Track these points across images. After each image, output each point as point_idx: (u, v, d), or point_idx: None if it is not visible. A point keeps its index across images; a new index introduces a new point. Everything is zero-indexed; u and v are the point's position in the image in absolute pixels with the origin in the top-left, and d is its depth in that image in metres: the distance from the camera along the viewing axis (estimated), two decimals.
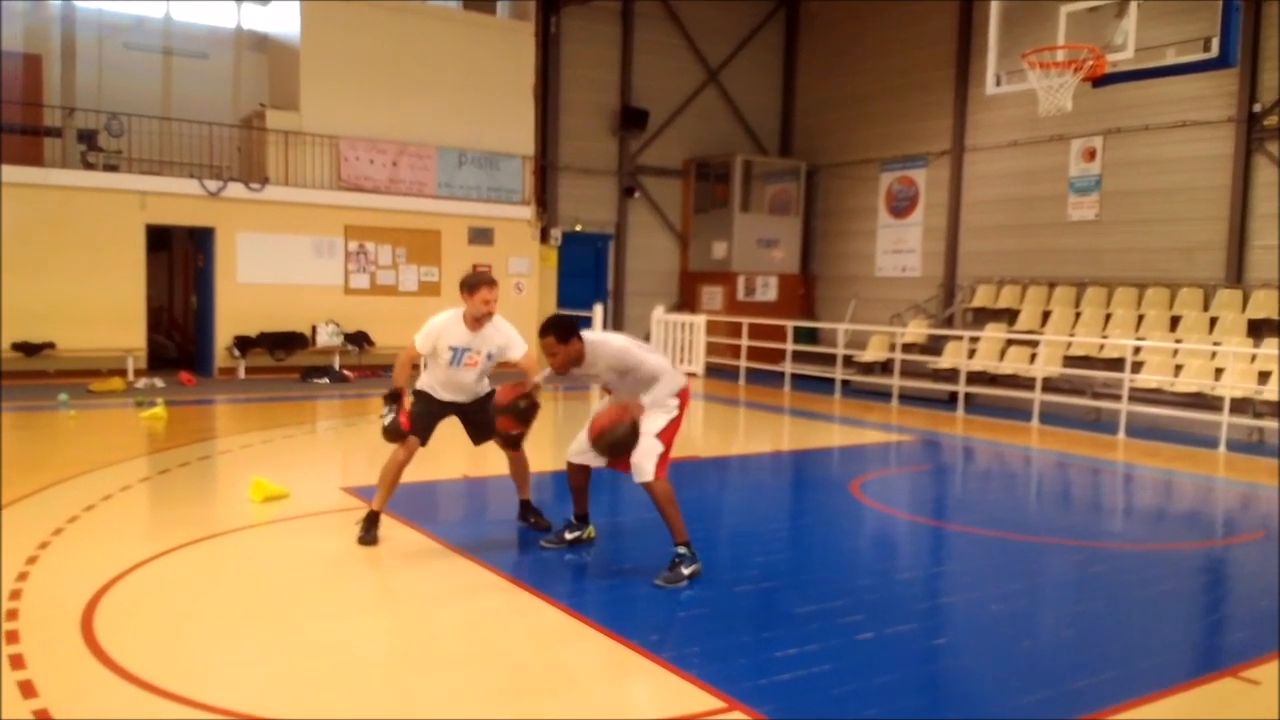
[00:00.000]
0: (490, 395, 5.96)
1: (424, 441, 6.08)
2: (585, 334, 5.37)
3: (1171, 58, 10.65)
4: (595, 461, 5.64)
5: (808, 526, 7.36)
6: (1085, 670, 4.38)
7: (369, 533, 6.00)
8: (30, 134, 14.74)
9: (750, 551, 6.18)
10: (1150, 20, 10.83)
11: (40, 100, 15.03)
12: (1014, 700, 4.05)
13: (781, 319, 17.61)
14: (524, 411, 5.58)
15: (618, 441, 5.25)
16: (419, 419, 6.04)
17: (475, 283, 5.89)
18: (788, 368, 16.19)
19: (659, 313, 18.41)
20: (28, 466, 8.07)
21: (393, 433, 5.99)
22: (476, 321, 5.90)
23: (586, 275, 19.79)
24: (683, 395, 5.50)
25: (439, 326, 5.94)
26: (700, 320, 17.82)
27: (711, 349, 17.78)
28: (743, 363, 16.86)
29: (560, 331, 5.26)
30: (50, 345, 13.91)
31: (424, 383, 6.14)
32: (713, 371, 17.69)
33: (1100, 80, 10.80)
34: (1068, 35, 10.86)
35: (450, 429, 6.22)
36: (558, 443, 6.23)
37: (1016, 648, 4.70)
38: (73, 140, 14.80)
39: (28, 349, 13.75)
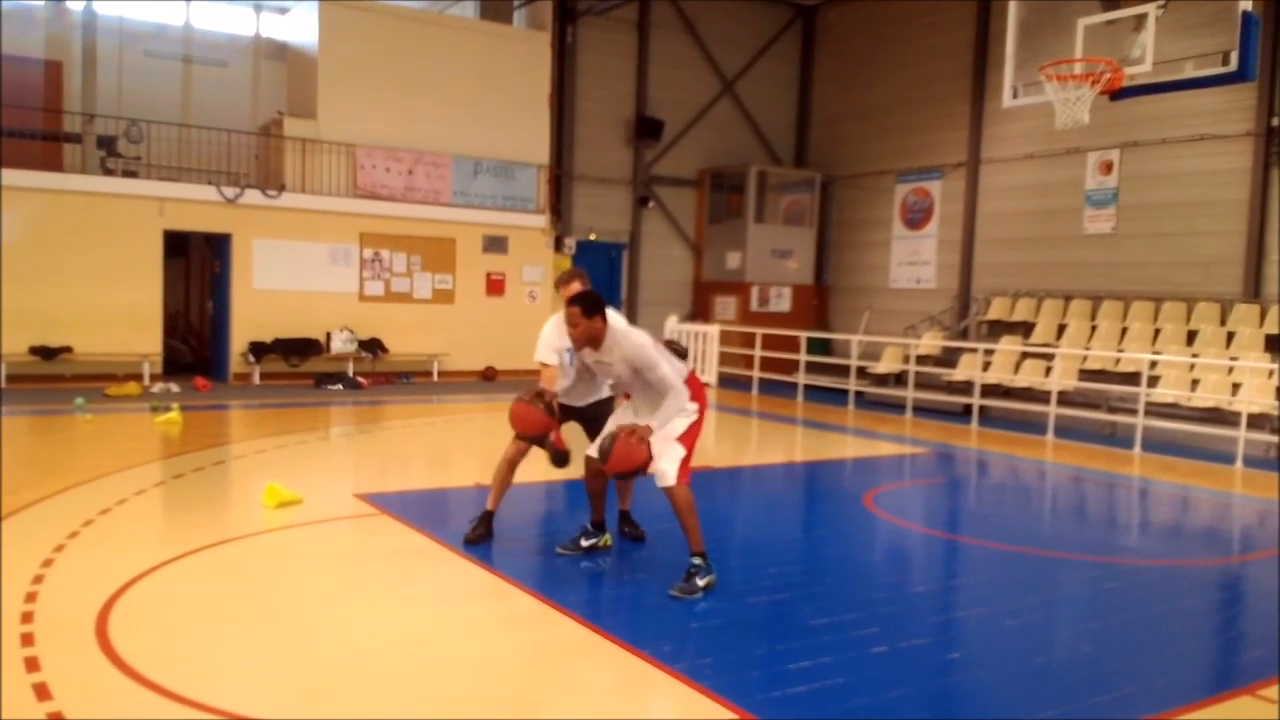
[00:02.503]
0: (610, 400, 6.19)
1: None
2: (611, 321, 5.39)
3: (1190, 71, 10.59)
4: None
5: (821, 538, 7.33)
6: (1101, 686, 4.34)
7: (475, 530, 6.15)
8: (51, 140, 14.88)
9: (764, 563, 6.16)
10: (1168, 33, 10.78)
11: (61, 106, 15.18)
12: (1029, 715, 4.01)
13: (795, 330, 17.60)
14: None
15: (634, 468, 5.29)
16: None
17: (557, 284, 6.21)
18: (801, 379, 16.16)
19: (672, 322, 18.41)
20: (44, 470, 8.13)
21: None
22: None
23: (600, 284, 19.41)
24: (700, 400, 5.49)
25: (549, 334, 6.11)
26: (714, 330, 17.82)
27: (725, 359, 17.77)
28: (756, 373, 16.84)
29: (587, 304, 5.30)
30: (68, 349, 14.01)
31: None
32: (726, 382, 17.68)
33: (1117, 93, 10.76)
34: (1085, 48, 10.82)
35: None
36: (574, 451, 6.22)
37: (1031, 663, 4.67)
38: (92, 146, 14.95)
39: (45, 353, 13.85)
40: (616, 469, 5.31)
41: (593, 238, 19.78)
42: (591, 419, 6.19)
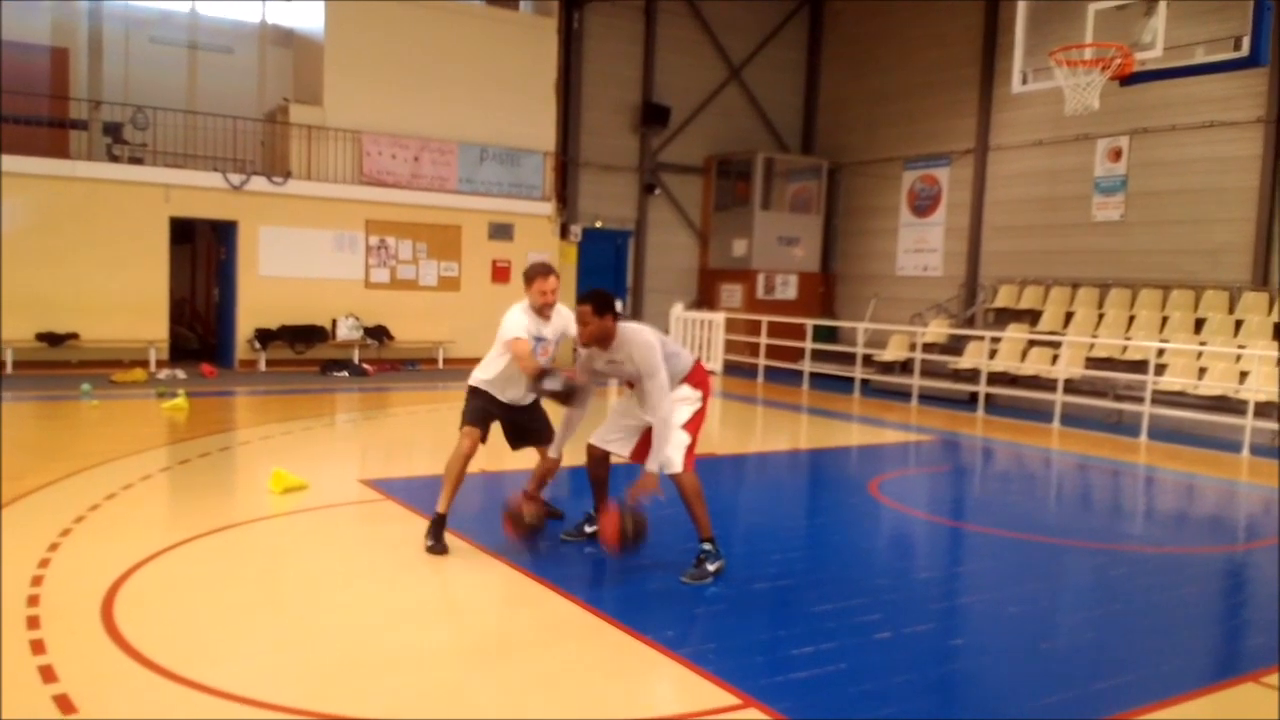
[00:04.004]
0: (537, 404, 5.98)
1: (483, 438, 5.93)
2: (621, 321, 5.37)
3: (1201, 57, 10.52)
4: (620, 451, 5.63)
5: (826, 525, 7.32)
6: (1104, 673, 4.34)
7: (438, 541, 5.69)
8: (57, 126, 14.88)
9: (768, 549, 6.16)
10: (1179, 19, 10.71)
11: (67, 93, 15.18)
12: (1032, 702, 4.02)
13: (801, 317, 17.56)
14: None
15: (637, 534, 5.21)
16: (477, 413, 5.92)
17: (531, 274, 5.85)
18: (807, 366, 16.13)
19: (678, 310, 18.39)
20: (50, 455, 8.16)
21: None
22: (542, 310, 5.84)
23: (606, 272, 19.79)
24: (705, 387, 5.49)
25: (520, 320, 5.76)
26: (719, 318, 17.79)
27: (730, 347, 17.75)
28: (761, 361, 16.82)
29: (598, 303, 5.26)
30: (74, 335, 14.05)
31: (483, 380, 5.94)
32: (731, 369, 17.66)
33: (1128, 79, 10.69)
34: (1095, 33, 10.76)
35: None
36: (575, 439, 6.21)
37: (1035, 649, 4.66)
38: (99, 133, 14.94)
39: (52, 339, 13.89)
40: (609, 542, 5.26)
41: (599, 225, 19.75)
42: (522, 417, 6.01)
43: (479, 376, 5.96)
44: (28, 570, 5.04)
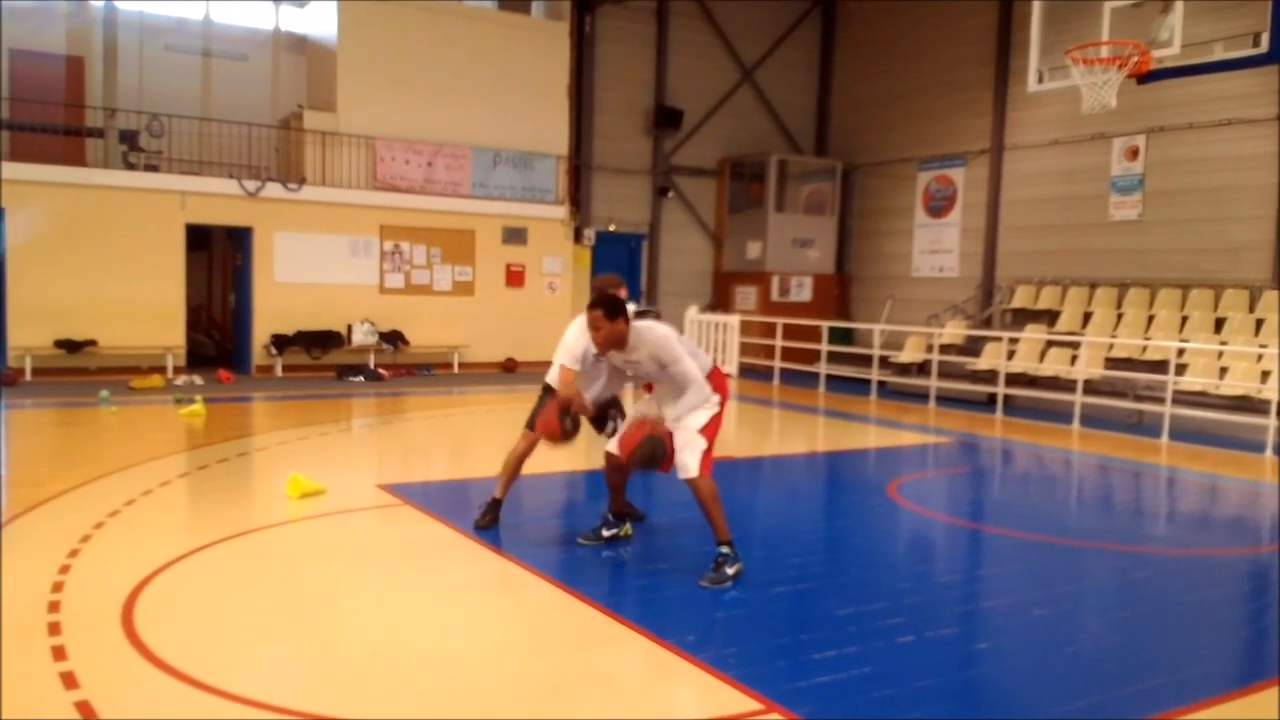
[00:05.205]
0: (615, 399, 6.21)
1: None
2: (638, 320, 5.38)
3: (1219, 54, 10.42)
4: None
5: (845, 528, 7.28)
6: (1131, 677, 4.28)
7: (484, 516, 6.26)
8: (73, 134, 14.97)
9: (787, 553, 6.12)
10: (1197, 15, 10.63)
11: (83, 101, 15.28)
12: (1058, 706, 3.96)
13: (816, 319, 17.50)
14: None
15: (649, 456, 5.24)
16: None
17: (590, 305, 5.94)
18: (823, 368, 16.08)
19: (693, 313, 18.36)
20: (70, 462, 8.19)
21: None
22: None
23: (620, 275, 19.74)
24: (723, 391, 5.47)
25: (580, 342, 5.89)
26: (734, 320, 17.75)
27: (745, 349, 17.70)
28: (777, 363, 16.77)
29: (609, 308, 5.27)
30: (92, 342, 14.13)
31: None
32: (747, 372, 17.61)
33: (1145, 77, 10.60)
34: (1112, 31, 10.68)
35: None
36: (594, 443, 6.20)
37: (1060, 653, 4.60)
38: (114, 140, 15.02)
39: (70, 346, 13.97)
40: (625, 454, 5.33)
41: (612, 229, 19.74)
42: (601, 408, 6.22)
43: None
44: (49, 576, 5.05)
